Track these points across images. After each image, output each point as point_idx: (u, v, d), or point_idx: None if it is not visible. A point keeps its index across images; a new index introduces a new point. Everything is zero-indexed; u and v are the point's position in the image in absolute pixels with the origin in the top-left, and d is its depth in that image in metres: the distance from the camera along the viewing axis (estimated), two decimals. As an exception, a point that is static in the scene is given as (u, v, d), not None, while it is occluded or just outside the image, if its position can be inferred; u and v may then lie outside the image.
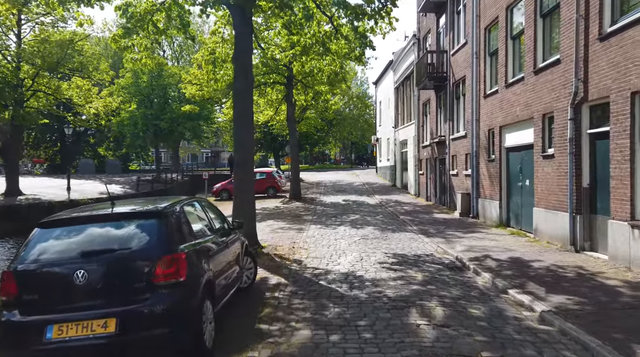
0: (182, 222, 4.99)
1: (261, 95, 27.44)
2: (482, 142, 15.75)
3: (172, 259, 4.39)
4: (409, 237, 12.82)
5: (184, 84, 25.99)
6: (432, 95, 22.47)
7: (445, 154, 20.18)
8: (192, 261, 4.66)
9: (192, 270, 4.60)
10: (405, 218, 16.98)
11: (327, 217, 17.93)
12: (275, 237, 13.20)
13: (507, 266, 8.86)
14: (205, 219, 6.01)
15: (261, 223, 16.77)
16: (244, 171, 10.45)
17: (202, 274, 4.80)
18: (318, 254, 10.53)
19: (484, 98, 15.60)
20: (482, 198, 15.78)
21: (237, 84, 10.38)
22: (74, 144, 55.26)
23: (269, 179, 29.15)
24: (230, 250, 6.36)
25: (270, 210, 21.92)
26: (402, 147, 30.92)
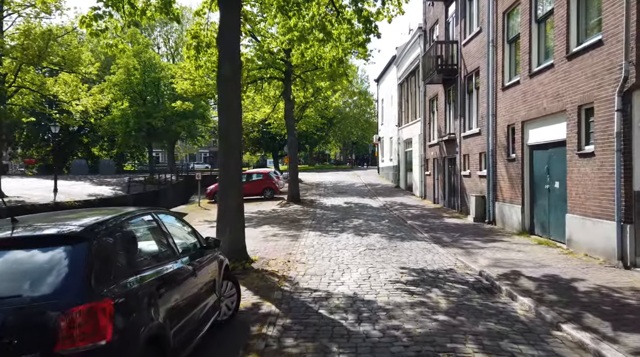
0: (113, 249, 3.40)
1: (257, 91, 25.88)
2: (500, 140, 14.18)
3: (89, 310, 2.82)
4: (421, 247, 11.24)
5: (175, 79, 24.44)
6: (440, 90, 20.89)
7: (456, 153, 18.61)
8: (125, 309, 3.09)
9: (125, 324, 3.04)
10: (414, 223, 15.41)
11: (327, 223, 16.35)
12: (268, 248, 11.61)
13: (547, 287, 7.28)
14: (162, 240, 4.42)
15: (255, 229, 15.21)
16: (230, 172, 8.88)
17: (142, 327, 3.22)
18: (317, 269, 8.94)
19: (502, 90, 14.03)
20: (500, 202, 14.20)
21: (222, 70, 8.81)
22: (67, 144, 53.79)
23: (265, 180, 27.56)
24: (200, 277, 4.78)
25: (266, 214, 20.35)
26: (407, 146, 29.34)
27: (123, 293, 3.15)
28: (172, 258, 4.30)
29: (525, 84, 12.36)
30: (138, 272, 3.51)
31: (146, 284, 3.50)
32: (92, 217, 3.66)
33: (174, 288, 4.01)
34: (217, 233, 8.96)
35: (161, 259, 4.11)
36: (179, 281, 4.19)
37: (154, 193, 34.00)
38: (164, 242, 4.39)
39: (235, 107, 8.89)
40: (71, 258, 3.00)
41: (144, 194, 32.58)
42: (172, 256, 4.33)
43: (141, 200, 31.61)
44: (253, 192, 27.28)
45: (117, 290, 3.12)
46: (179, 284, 4.16)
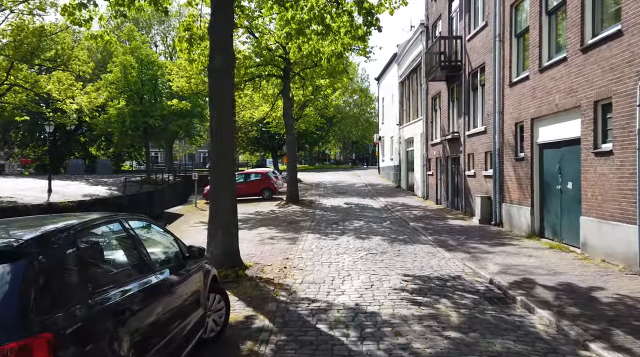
0: (62, 267, 2.76)
1: (256, 89, 25.29)
2: (508, 138, 13.57)
3: (22, 348, 2.22)
4: (425, 251, 10.63)
5: (171, 76, 23.85)
6: (443, 87, 20.29)
7: (460, 152, 18.00)
8: (74, 344, 2.49)
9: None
10: (417, 225, 14.80)
11: (326, 224, 15.75)
12: (264, 252, 11.01)
13: (566, 297, 6.67)
14: (131, 252, 3.79)
15: (251, 231, 14.62)
16: (222, 171, 8.27)
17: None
18: (316, 276, 8.33)
19: (510, 87, 13.42)
20: (507, 203, 13.59)
21: (214, 63, 8.21)
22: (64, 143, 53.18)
23: (264, 180, 26.96)
24: (181, 292, 4.18)
25: (264, 215, 19.76)
26: (408, 145, 28.74)
27: (72, 323, 2.54)
28: (145, 273, 3.68)
29: (535, 80, 11.75)
30: (96, 294, 2.90)
31: (106, 309, 2.89)
32: (43, 227, 3.06)
33: (146, 309, 3.40)
34: (208, 237, 8.36)
35: (130, 275, 3.50)
36: (153, 300, 3.58)
37: (150, 193, 33.36)
38: (134, 255, 3.77)
39: (228, 102, 8.29)
40: (3, 281, 2.40)
41: (140, 195, 31.96)
42: (144, 270, 3.71)
43: (137, 200, 31.01)
44: (251, 193, 26.70)
45: (64, 319, 2.51)
46: (152, 303, 3.55)
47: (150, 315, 3.45)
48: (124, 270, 3.53)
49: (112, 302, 2.99)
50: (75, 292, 2.75)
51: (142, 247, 3.85)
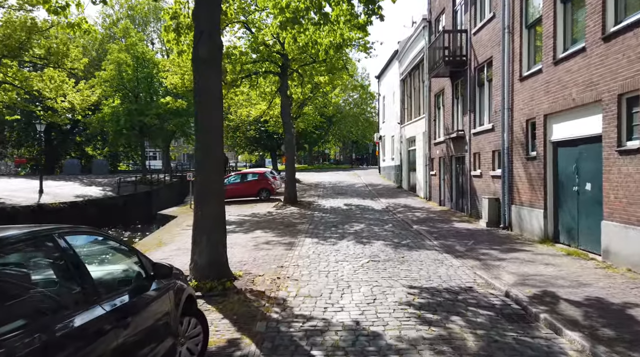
0: None
1: (252, 86, 24.48)
2: (518, 136, 12.75)
3: None
4: (432, 258, 9.81)
5: (164, 74, 23.04)
6: (446, 84, 19.47)
7: (465, 151, 17.18)
8: None
9: None
10: (421, 228, 13.98)
11: (325, 227, 14.92)
12: (258, 259, 10.19)
13: (596, 315, 5.86)
14: (66, 278, 2.95)
15: (246, 235, 13.80)
16: (208, 172, 7.44)
17: None
18: (312, 288, 7.51)
19: (520, 81, 12.60)
20: (518, 205, 12.77)
21: (199, 51, 7.39)
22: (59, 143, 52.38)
23: (261, 180, 26.13)
24: (138, 322, 3.35)
25: (260, 217, 18.94)
26: (410, 144, 27.93)
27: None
28: (83, 304, 2.85)
29: (549, 73, 10.93)
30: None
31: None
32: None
33: (83, 351, 2.59)
34: (192, 245, 7.54)
35: (55, 309, 2.67)
36: (95, 338, 2.77)
37: (145, 194, 32.57)
38: (69, 282, 2.94)
39: (215, 95, 7.47)
40: None
41: (135, 195, 31.19)
42: (83, 300, 2.88)
43: (132, 201, 30.22)
44: (248, 193, 25.88)
45: None
46: (93, 343, 2.74)
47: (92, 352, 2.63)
48: (46, 303, 2.69)
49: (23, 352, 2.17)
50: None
51: (83, 271, 3.01)
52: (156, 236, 15.65)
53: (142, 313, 3.47)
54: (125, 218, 27.90)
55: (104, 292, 3.14)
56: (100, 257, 3.56)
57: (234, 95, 24.00)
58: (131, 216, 28.55)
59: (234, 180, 26.59)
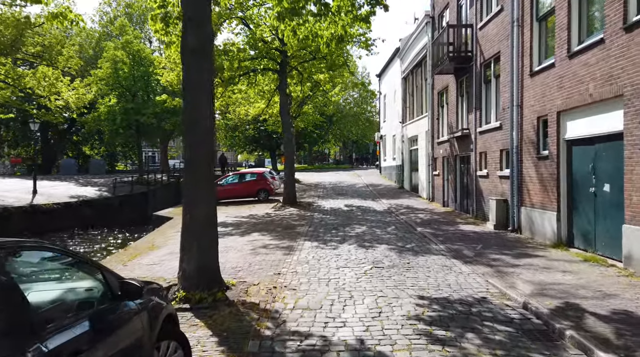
0: None
1: (251, 84, 23.84)
2: (528, 134, 12.13)
3: None
4: (439, 264, 9.18)
5: (160, 70, 22.42)
6: (450, 81, 18.85)
7: (470, 150, 16.56)
8: None
9: None
10: (425, 231, 13.36)
11: (325, 230, 14.30)
12: (253, 264, 9.56)
13: (629, 333, 5.23)
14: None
15: (242, 238, 13.18)
16: (197, 171, 6.81)
17: None
18: (311, 299, 6.88)
19: (530, 77, 11.98)
20: (528, 207, 12.14)
21: (187, 39, 6.76)
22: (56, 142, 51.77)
23: (259, 180, 25.49)
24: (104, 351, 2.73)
25: (258, 218, 18.31)
26: (412, 144, 27.31)
27: None
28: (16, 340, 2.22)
29: (563, 67, 10.31)
30: None
31: None
32: None
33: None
34: (181, 251, 6.91)
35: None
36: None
37: (142, 194, 31.93)
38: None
39: (205, 88, 6.84)
40: None
41: (131, 196, 30.58)
42: (17, 333, 2.25)
43: (127, 202, 29.61)
44: (246, 194, 25.26)
45: None
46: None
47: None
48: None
49: None
50: None
51: (17, 299, 2.37)
52: (149, 238, 15.03)
53: (105, 343, 2.85)
54: (121, 219, 27.29)
55: (53, 323, 2.51)
56: (53, 278, 2.94)
57: (232, 93, 23.38)
58: (127, 216, 27.93)
59: (232, 180, 25.97)
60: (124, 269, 9.79)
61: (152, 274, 9.06)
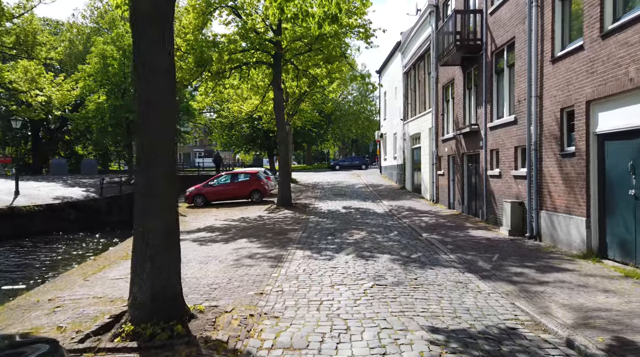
0: None
1: (243, 79, 22.41)
2: (549, 128, 10.71)
3: None
4: (452, 280, 7.76)
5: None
6: (457, 73, 17.43)
7: (479, 148, 15.15)
8: None
9: None
10: (432, 237, 11.95)
11: (321, 236, 12.87)
12: (233, 280, 8.13)
13: None
14: None
15: (227, 245, 11.77)
16: (151, 171, 5.38)
17: None
18: (296, 333, 5.44)
19: (552, 63, 10.56)
20: (549, 211, 10.72)
21: (138, 4, 5.33)
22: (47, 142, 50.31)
23: (253, 181, 24.06)
24: None
25: (249, 221, 16.91)
26: (414, 142, 25.88)
27: None
28: None
29: (593, 49, 8.88)
30: None
31: None
32: None
33: None
34: (132, 273, 5.46)
35: None
36: None
37: (130, 195, 30.53)
38: None
39: (161, 67, 5.41)
40: None
41: (119, 197, 29.17)
42: None
43: (115, 204, 28.22)
44: (239, 195, 23.83)
45: None
46: None
47: None
48: None
49: None
50: None
51: None
52: (125, 245, 13.60)
53: None
54: (107, 222, 25.91)
55: None
56: None
57: (223, 88, 21.94)
58: (114, 219, 26.55)
59: (224, 180, 24.53)
60: (84, 285, 8.38)
61: (112, 293, 7.63)
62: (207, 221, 17.73)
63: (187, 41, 18.79)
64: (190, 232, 15.09)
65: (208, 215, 19.87)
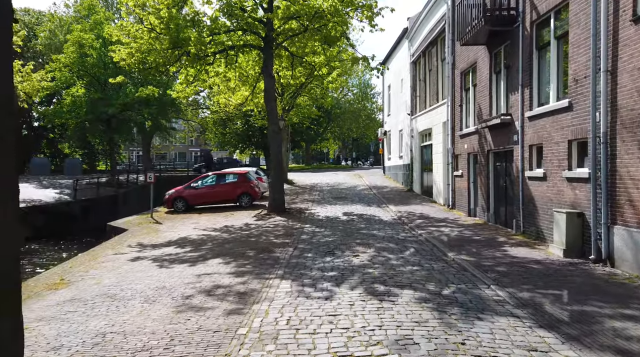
0: None
1: (230, 66, 19.52)
2: (628, 114, 7.81)
3: None
4: (520, 346, 4.84)
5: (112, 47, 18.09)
6: (480, 55, 14.55)
7: (512, 143, 12.28)
8: None
9: None
10: (462, 259, 9.06)
11: (316, 255, 9.96)
12: (175, 344, 5.22)
13: None
14: None
15: (192, 269, 8.92)
16: None
17: None
18: None
19: (634, 23, 7.66)
20: (628, 226, 7.82)
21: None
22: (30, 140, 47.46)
23: (241, 182, 21.12)
24: None
25: (233, 231, 14.07)
26: (423, 139, 23.01)
27: None
28: None
29: None
30: None
31: None
32: None
33: None
34: None
35: None
36: None
37: (110, 198, 27.66)
38: None
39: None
40: None
41: (95, 200, 26.30)
42: None
43: (91, 206, 25.32)
44: (225, 198, 20.91)
45: None
46: None
47: None
48: None
49: None
50: None
51: None
52: (67, 266, 10.70)
53: None
54: (79, 228, 23.00)
55: None
56: None
57: (206, 76, 19.02)
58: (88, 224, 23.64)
59: (210, 181, 21.61)
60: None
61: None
62: (182, 231, 14.87)
63: (161, 19, 15.91)
64: (156, 246, 12.22)
65: (187, 222, 17.00)
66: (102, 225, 22.71)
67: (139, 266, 9.83)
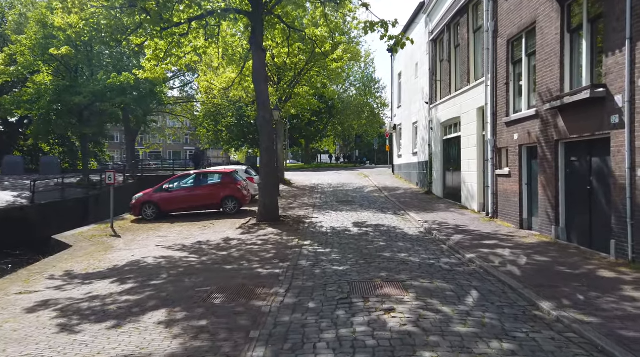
0: None
1: (211, 38, 15.60)
2: None
3: None
4: None
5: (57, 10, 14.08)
6: (542, 11, 10.62)
7: (609, 127, 8.34)
8: None
9: None
10: (574, 321, 5.12)
11: (322, 308, 5.98)
12: None
13: None
14: None
15: (103, 337, 4.87)
16: None
17: None
18: None
19: None
20: None
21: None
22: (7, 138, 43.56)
23: (226, 183, 17.12)
24: None
25: (205, 252, 10.16)
26: (447, 131, 19.07)
27: None
28: None
29: None
30: None
31: None
32: None
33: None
34: None
35: None
36: None
37: (77, 201, 23.66)
38: None
39: None
40: None
41: (57, 204, 22.28)
42: None
43: (52, 212, 21.34)
44: (206, 203, 16.93)
45: None
46: None
47: None
48: None
49: None
50: None
51: None
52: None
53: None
54: (37, 236, 18.99)
55: None
56: None
57: (179, 50, 15.05)
58: (47, 232, 19.65)
59: (189, 183, 17.61)
60: None
61: None
62: (140, 250, 11.01)
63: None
64: (88, 278, 8.32)
65: (152, 236, 13.13)
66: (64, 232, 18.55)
67: (27, 327, 5.90)
